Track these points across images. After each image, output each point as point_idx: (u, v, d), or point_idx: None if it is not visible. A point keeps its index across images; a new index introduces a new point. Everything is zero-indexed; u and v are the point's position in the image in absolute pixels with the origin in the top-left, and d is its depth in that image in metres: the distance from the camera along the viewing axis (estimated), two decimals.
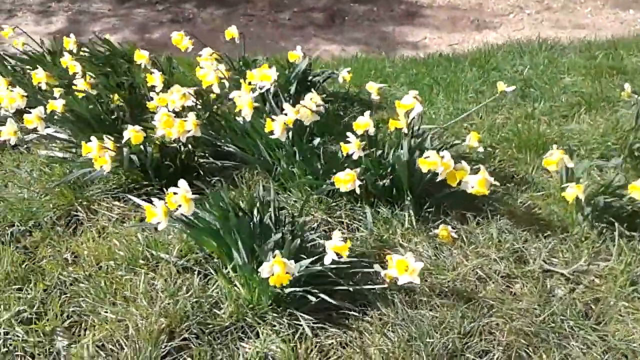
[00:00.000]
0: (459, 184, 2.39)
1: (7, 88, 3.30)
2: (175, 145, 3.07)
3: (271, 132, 2.69)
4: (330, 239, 2.21)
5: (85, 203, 3.08)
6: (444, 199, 2.76)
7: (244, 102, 2.82)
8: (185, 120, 2.86)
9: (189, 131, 2.87)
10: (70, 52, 3.95)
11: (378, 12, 7.93)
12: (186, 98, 3.07)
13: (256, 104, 2.98)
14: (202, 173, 3.22)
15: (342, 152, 2.73)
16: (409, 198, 2.70)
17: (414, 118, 2.61)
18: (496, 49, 5.25)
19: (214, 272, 2.53)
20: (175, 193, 2.27)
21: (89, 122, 3.29)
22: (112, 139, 2.91)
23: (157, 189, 3.13)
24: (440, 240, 2.60)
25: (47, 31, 8.28)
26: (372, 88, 3.01)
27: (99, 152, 2.83)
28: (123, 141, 2.91)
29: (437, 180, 2.46)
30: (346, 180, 2.48)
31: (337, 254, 2.18)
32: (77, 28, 8.35)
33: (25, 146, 3.77)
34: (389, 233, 2.68)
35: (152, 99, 3.41)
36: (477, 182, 2.31)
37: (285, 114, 2.77)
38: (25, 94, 3.25)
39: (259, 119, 3.04)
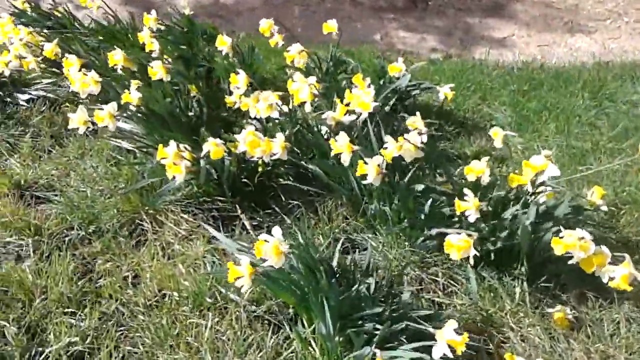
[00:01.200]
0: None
1: (81, 70, 2.96)
2: (254, 160, 2.68)
3: (364, 177, 2.29)
4: (440, 327, 1.83)
5: (151, 212, 2.74)
6: (564, 272, 2.32)
7: (342, 145, 2.42)
8: (272, 141, 2.49)
9: (275, 153, 2.50)
10: (150, 29, 3.58)
11: (465, 0, 7.40)
12: (272, 109, 2.70)
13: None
14: (279, 193, 2.83)
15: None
16: (523, 268, 2.29)
17: (543, 181, 2.19)
18: (606, 70, 4.67)
19: (289, 327, 2.17)
20: (266, 241, 1.91)
21: (163, 119, 2.92)
22: (189, 148, 2.56)
23: (230, 204, 2.76)
24: (555, 324, 2.19)
25: None
26: (497, 136, 2.55)
27: (174, 160, 2.48)
28: (202, 154, 2.55)
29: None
30: (460, 246, 2.08)
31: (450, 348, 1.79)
32: None
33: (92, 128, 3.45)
34: (495, 308, 2.27)
35: (231, 93, 3.06)
36: (620, 277, 1.89)
37: (384, 147, 2.38)
38: (100, 79, 2.90)
39: None
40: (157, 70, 3.02)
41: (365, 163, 2.33)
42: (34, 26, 4.10)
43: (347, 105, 2.71)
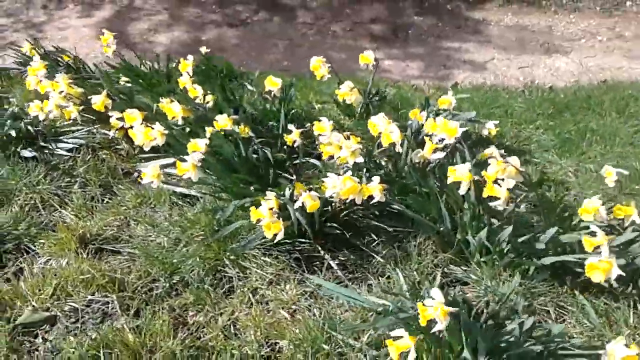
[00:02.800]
0: None
1: (142, 123, 2.84)
2: (336, 200, 2.61)
3: (491, 199, 2.24)
4: None
5: (232, 257, 2.63)
6: None
7: (462, 174, 2.37)
8: (370, 186, 2.42)
9: (372, 197, 2.44)
10: (188, 73, 3.49)
11: (443, 27, 7.49)
12: (356, 155, 2.64)
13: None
14: (360, 231, 2.76)
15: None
16: (635, 290, 2.27)
17: None
18: (615, 89, 4.75)
19: None
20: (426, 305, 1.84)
21: (229, 163, 2.83)
22: (273, 196, 2.48)
23: (310, 245, 2.68)
24: None
25: (92, 23, 7.80)
26: (610, 176, 2.50)
27: (270, 218, 2.39)
28: (296, 206, 2.47)
29: None
30: (603, 268, 2.03)
31: None
32: (124, 23, 7.88)
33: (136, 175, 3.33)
34: (613, 333, 2.24)
35: (281, 133, 3.07)
36: None
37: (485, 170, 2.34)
38: (166, 131, 2.78)
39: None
40: (225, 122, 2.92)
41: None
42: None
43: (429, 136, 2.66)
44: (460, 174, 2.34)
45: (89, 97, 3.29)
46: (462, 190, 2.33)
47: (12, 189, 3.11)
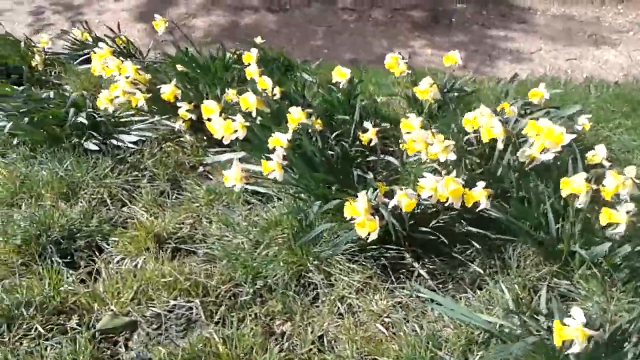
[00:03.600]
0: None
1: (221, 115, 2.67)
2: (427, 203, 2.43)
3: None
4: None
5: (315, 262, 2.47)
6: None
7: (579, 185, 2.16)
8: (474, 192, 2.24)
9: (478, 204, 2.25)
10: (257, 64, 3.30)
11: (488, 15, 7.25)
12: (449, 151, 2.45)
13: None
14: (453, 238, 2.58)
15: None
16: None
17: None
18: None
19: None
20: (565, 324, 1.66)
21: (310, 161, 2.65)
22: (365, 195, 2.30)
23: (397, 251, 2.51)
24: None
25: (130, 6, 7.64)
26: None
27: (366, 215, 2.22)
28: (391, 205, 2.30)
29: None
30: None
31: None
32: (162, 7, 7.70)
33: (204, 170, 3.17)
34: None
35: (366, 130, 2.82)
36: None
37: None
38: (247, 123, 2.61)
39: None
40: (299, 116, 2.74)
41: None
42: None
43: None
44: (576, 185, 2.14)
45: (157, 86, 3.11)
46: (580, 203, 2.14)
47: (78, 182, 2.94)
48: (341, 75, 3.16)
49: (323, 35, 7.41)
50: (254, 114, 2.78)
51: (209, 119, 2.71)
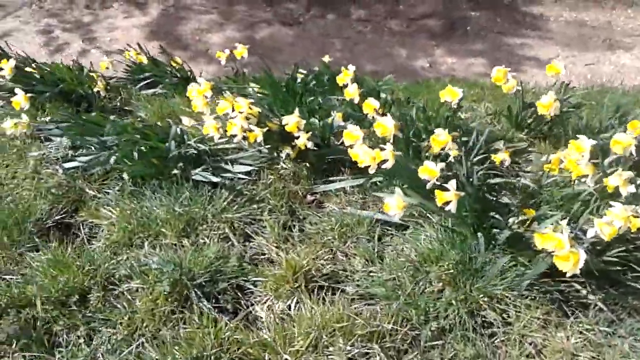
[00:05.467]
0: None
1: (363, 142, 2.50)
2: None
3: None
4: None
5: (485, 299, 2.31)
6: None
7: None
8: None
9: None
10: (353, 83, 3.13)
11: (502, 23, 7.20)
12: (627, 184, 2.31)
13: None
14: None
15: None
16: None
17: None
18: None
19: None
20: None
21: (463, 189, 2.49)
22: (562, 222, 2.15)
23: (565, 282, 2.34)
24: None
25: (140, 23, 7.37)
26: None
27: (570, 247, 2.06)
28: (589, 235, 2.14)
29: None
30: None
31: None
32: (173, 23, 7.46)
33: (313, 199, 2.98)
34: None
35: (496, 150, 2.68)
36: None
37: None
38: (396, 152, 2.44)
39: None
40: (445, 139, 2.59)
41: None
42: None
43: None
44: None
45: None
46: None
47: (196, 217, 2.72)
48: (453, 94, 2.99)
49: (341, 47, 7.25)
50: (391, 140, 2.59)
51: (350, 146, 2.53)
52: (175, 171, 2.89)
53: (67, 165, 3.01)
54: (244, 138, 2.83)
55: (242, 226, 2.75)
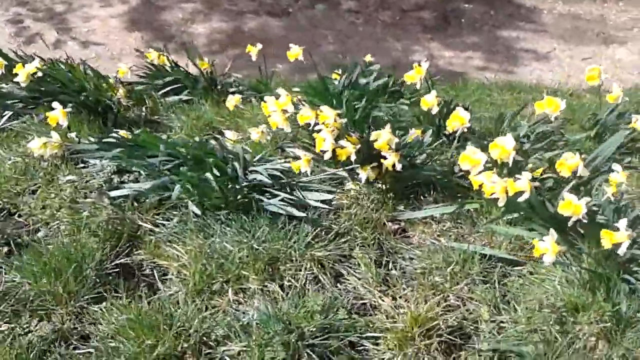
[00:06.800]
0: None
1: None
2: None
3: None
4: None
5: None
6: None
7: None
8: None
9: None
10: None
11: (496, 15, 6.93)
12: None
13: None
14: None
15: None
16: None
17: None
18: None
19: None
20: None
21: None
22: None
23: None
24: None
25: (118, 12, 6.82)
26: None
27: None
28: None
29: None
30: None
31: None
32: (155, 13, 6.92)
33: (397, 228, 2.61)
34: None
35: None
36: None
37: None
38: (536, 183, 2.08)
39: None
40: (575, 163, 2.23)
41: None
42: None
43: None
44: None
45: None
46: None
47: (279, 255, 2.30)
48: (554, 106, 2.65)
49: (333, 40, 6.86)
50: (510, 164, 2.23)
51: (466, 172, 2.15)
52: (242, 199, 2.44)
53: (115, 193, 2.50)
54: (333, 155, 2.39)
55: (331, 264, 2.32)
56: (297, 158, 2.56)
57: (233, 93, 3.29)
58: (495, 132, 2.94)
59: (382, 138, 2.42)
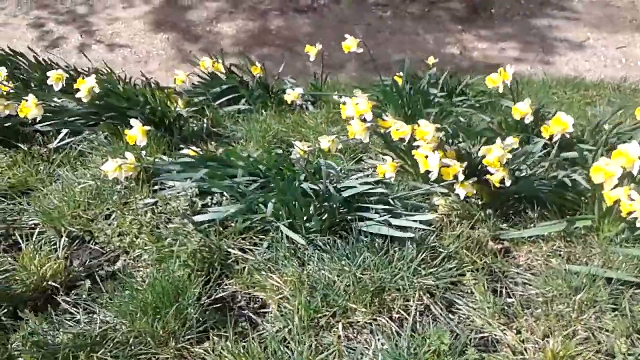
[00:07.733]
0: None
1: None
2: None
3: None
4: None
5: None
6: None
7: None
8: None
9: None
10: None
11: (526, 4, 6.66)
12: None
13: None
14: None
15: None
16: None
17: None
18: None
19: None
20: None
21: None
22: None
23: None
24: None
25: (142, 14, 6.54)
26: None
27: None
28: None
29: None
30: None
31: None
32: (179, 13, 6.64)
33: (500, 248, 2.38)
34: None
35: None
36: None
37: None
38: None
39: None
40: None
41: None
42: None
43: None
44: None
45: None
46: None
47: (384, 285, 2.06)
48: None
49: (363, 35, 6.57)
50: (635, 173, 1.98)
51: (599, 185, 1.91)
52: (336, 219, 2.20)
53: (199, 218, 2.26)
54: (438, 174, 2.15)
55: (442, 293, 2.08)
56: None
57: (291, 103, 3.06)
58: (592, 138, 2.68)
59: (494, 154, 2.16)
